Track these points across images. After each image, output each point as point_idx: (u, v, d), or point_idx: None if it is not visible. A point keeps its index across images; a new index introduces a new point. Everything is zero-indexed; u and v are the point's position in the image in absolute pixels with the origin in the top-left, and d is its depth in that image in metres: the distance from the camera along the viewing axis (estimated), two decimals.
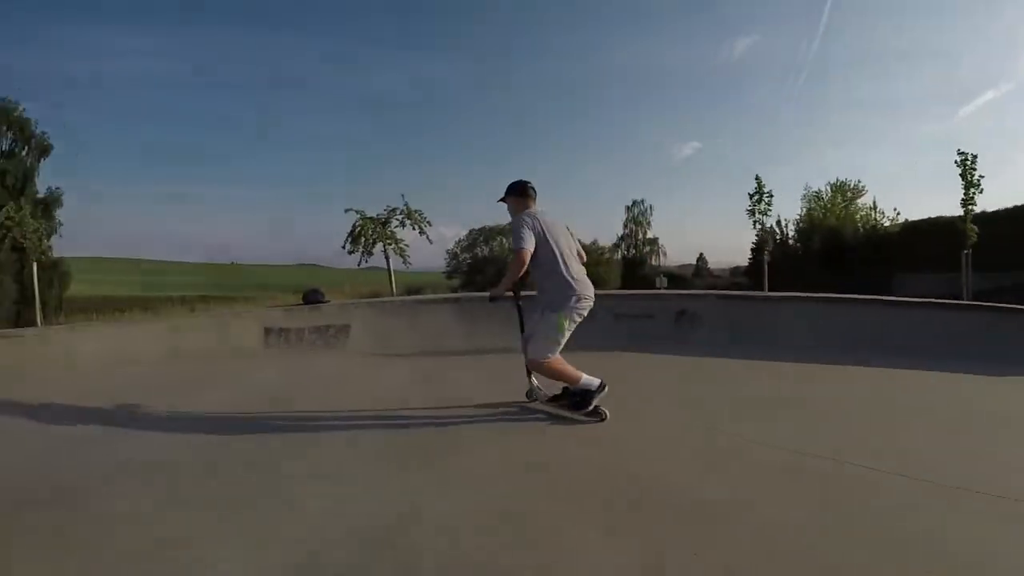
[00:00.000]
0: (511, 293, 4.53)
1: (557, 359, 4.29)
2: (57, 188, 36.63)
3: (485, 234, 50.15)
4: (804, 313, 8.43)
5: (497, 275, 47.34)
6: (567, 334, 4.30)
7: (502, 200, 4.67)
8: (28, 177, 35.03)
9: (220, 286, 65.85)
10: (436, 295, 13.13)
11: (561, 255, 4.27)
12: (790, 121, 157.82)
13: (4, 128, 34.91)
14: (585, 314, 4.34)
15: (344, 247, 13.32)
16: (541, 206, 4.62)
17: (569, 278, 4.27)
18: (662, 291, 11.18)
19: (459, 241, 51.29)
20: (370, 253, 13.05)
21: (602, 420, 4.31)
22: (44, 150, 36.26)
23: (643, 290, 14.45)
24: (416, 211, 13.26)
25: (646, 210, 56.10)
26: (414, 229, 13.28)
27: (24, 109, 35.38)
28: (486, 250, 50.14)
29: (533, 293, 4.59)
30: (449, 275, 49.88)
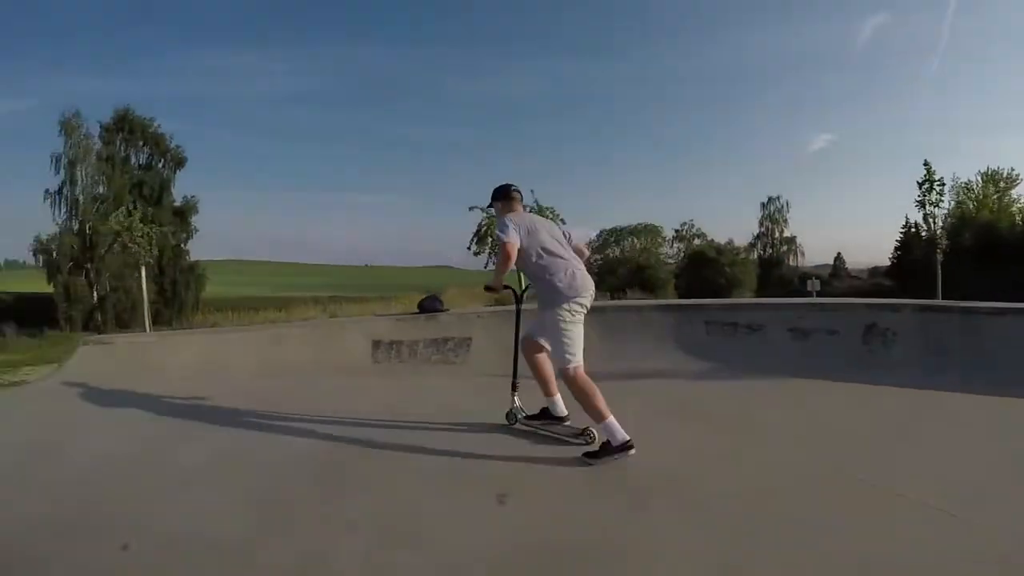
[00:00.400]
0: (501, 290, 4.37)
1: (587, 379, 3.85)
2: (192, 196, 39.52)
3: (616, 234, 48.76)
4: None
5: (628, 276, 47.19)
6: (575, 329, 3.96)
7: (490, 206, 4.77)
8: (164, 187, 37.97)
9: (352, 287, 68.05)
10: None
11: (548, 252, 4.10)
12: (927, 106, 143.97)
13: (141, 143, 37.97)
14: (585, 307, 4.04)
15: (469, 248, 12.23)
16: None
17: (558, 273, 4.03)
18: (842, 301, 9.14)
19: (590, 242, 49.91)
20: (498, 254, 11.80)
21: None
22: (179, 162, 39.09)
23: (818, 299, 12.29)
24: (548, 208, 11.94)
25: (782, 207, 52.85)
26: None
27: (159, 125, 38.28)
28: (617, 251, 48.73)
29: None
30: None
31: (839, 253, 61.15)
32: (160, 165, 38.50)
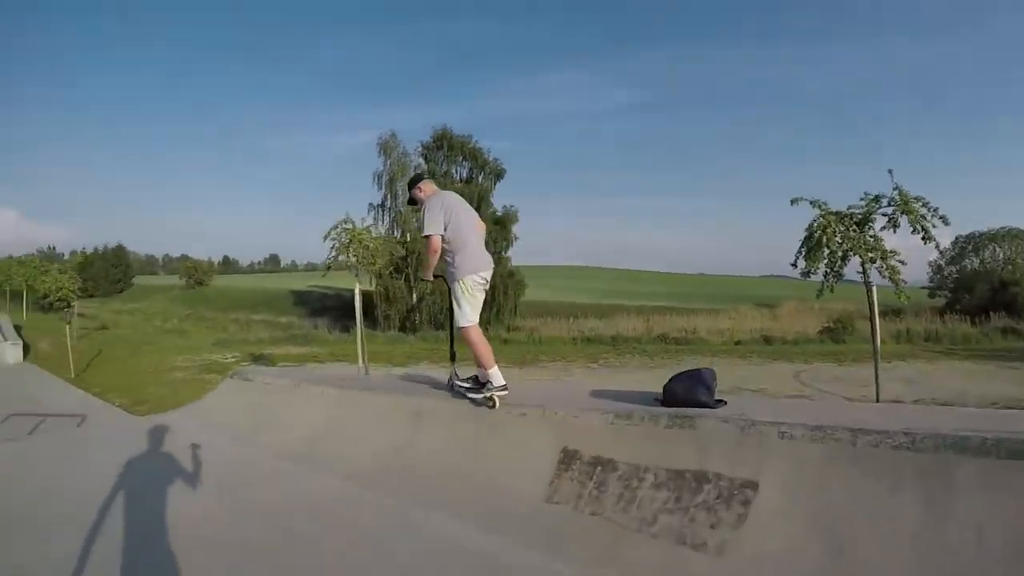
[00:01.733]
0: (436, 277, 5.49)
1: (478, 334, 5.13)
2: (511, 206, 41.67)
3: (974, 241, 39.42)
4: None
5: (989, 295, 37.02)
6: (472, 301, 5.13)
7: (411, 203, 5.78)
8: (483, 198, 39.92)
9: (683, 296, 65.04)
10: None
11: (463, 228, 5.08)
12: None
13: (460, 158, 41.13)
14: (485, 281, 5.22)
15: (795, 264, 8.12)
16: None
17: (468, 252, 5.09)
18: None
19: (944, 251, 40.59)
20: (836, 272, 7.83)
21: (491, 407, 4.80)
22: (498, 174, 41.73)
23: None
24: (919, 200, 7.32)
25: None
26: (914, 231, 7.38)
27: (476, 141, 41.30)
28: (976, 261, 39.35)
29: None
30: (932, 292, 40.74)
31: None
32: (479, 178, 41.15)
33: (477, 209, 28.01)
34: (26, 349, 20.15)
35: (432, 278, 5.46)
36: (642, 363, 21.34)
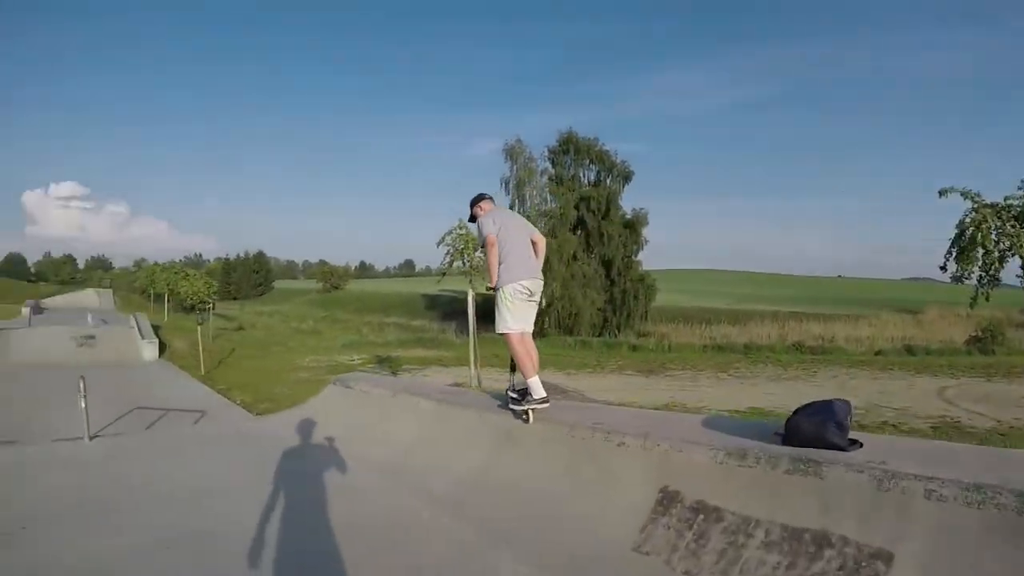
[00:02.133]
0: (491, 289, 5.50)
1: (518, 341, 5.23)
2: (641, 209, 40.90)
3: None
4: None
5: None
6: (513, 309, 5.24)
7: (472, 220, 5.92)
8: (611, 201, 39.76)
9: (819, 300, 61.69)
10: None
11: (510, 241, 5.32)
12: None
13: (587, 161, 40.86)
14: (528, 291, 5.28)
15: (944, 267, 7.19)
16: None
17: (512, 262, 5.28)
18: None
19: None
20: (993, 276, 6.95)
21: (525, 422, 5.00)
22: (626, 176, 40.92)
23: None
24: None
25: None
26: None
27: (603, 143, 40.96)
28: None
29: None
30: None
31: None
32: (607, 181, 40.70)
33: (606, 213, 28.29)
34: (161, 347, 21.73)
35: (494, 286, 5.40)
36: (774, 374, 20.27)
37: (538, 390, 4.98)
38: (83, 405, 7.35)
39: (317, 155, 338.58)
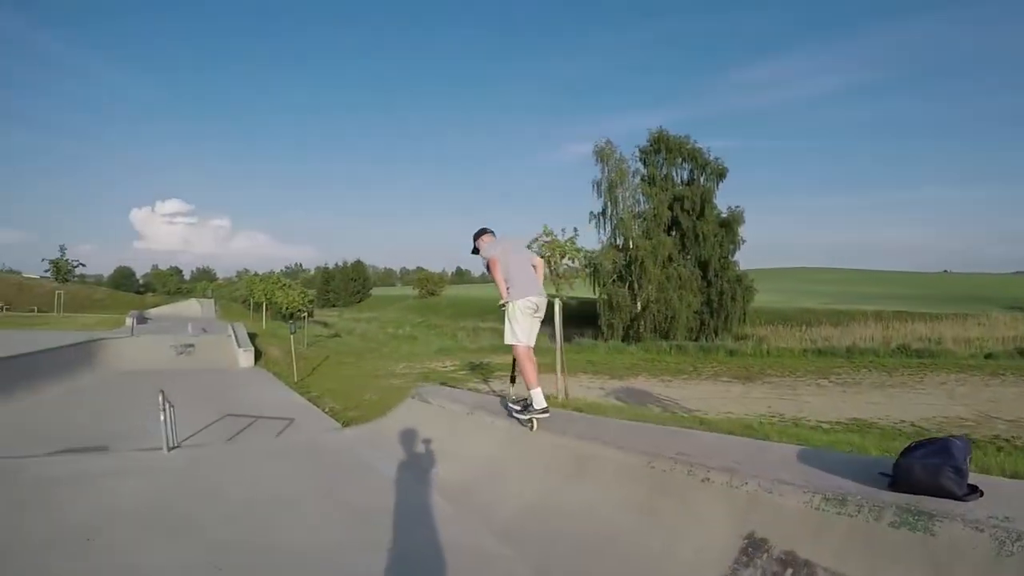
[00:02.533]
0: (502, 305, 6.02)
1: (525, 353, 5.82)
2: (737, 207, 40.06)
3: None
4: None
5: None
6: (522, 323, 5.84)
7: (474, 252, 6.41)
8: (706, 200, 39.02)
9: (922, 299, 58.66)
10: None
11: (513, 263, 5.96)
12: None
13: (679, 160, 40.19)
14: (535, 306, 5.88)
15: None
16: None
17: (517, 280, 5.89)
18: None
19: None
20: None
21: (531, 429, 5.63)
22: (720, 174, 40.01)
23: None
24: None
25: None
26: None
27: (696, 141, 40.31)
28: None
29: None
30: None
31: None
32: (701, 179, 39.94)
33: (701, 212, 28.11)
34: (257, 355, 22.43)
35: (504, 302, 5.91)
36: (878, 380, 19.30)
37: (539, 400, 5.64)
38: (163, 417, 7.57)
39: (417, 166, 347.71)
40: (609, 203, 38.78)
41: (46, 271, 66.61)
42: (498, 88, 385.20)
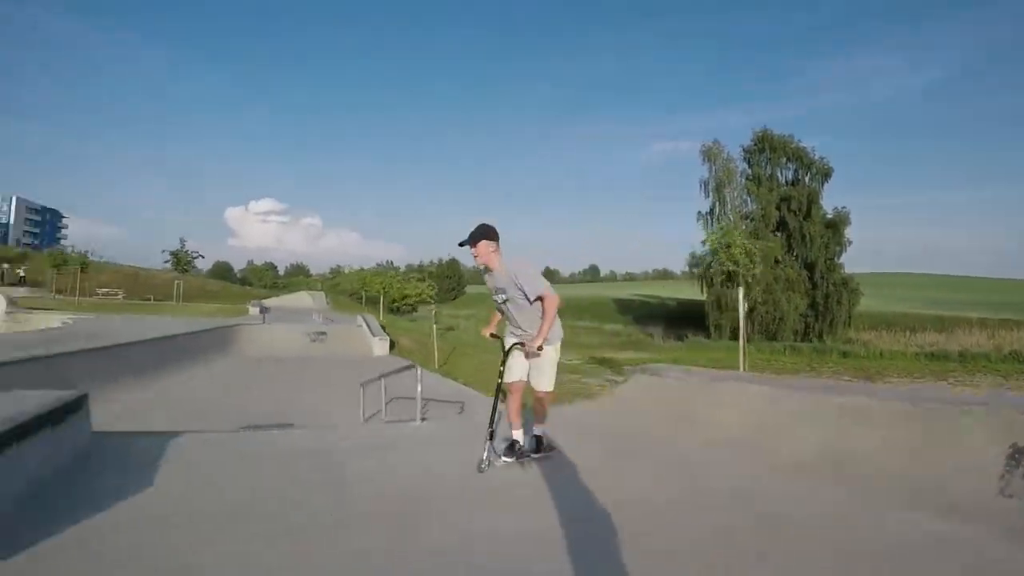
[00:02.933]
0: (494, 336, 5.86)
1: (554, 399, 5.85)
2: (843, 208, 40.04)
3: None
4: None
5: None
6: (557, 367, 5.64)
7: (471, 244, 5.40)
8: (812, 200, 39.40)
9: (1020, 306, 57.18)
10: None
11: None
12: None
13: (783, 159, 40.43)
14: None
15: None
16: None
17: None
18: None
19: None
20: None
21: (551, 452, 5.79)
22: (825, 174, 40.33)
23: None
24: None
25: None
26: None
27: (800, 140, 40.68)
28: None
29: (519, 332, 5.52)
30: None
31: None
32: (806, 179, 40.16)
33: (807, 213, 28.94)
34: (391, 344, 24.09)
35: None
36: (995, 383, 20.15)
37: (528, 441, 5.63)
38: (382, 394, 9.05)
39: (517, 162, 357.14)
40: (717, 203, 39.30)
41: (166, 262, 73.42)
42: (589, 86, 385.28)
